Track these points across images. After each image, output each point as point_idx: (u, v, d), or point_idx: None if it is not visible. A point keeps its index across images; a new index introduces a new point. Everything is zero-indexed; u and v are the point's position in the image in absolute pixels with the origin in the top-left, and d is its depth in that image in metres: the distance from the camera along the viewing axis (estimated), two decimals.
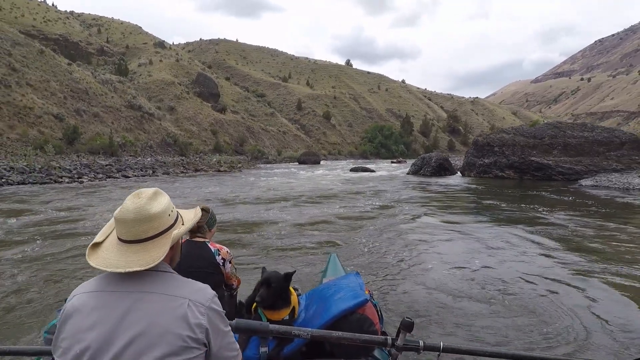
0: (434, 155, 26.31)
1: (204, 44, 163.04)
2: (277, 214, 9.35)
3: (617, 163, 17.70)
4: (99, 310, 0.98)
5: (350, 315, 1.76)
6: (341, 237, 6.91)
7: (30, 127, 30.79)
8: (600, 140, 18.78)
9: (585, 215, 9.11)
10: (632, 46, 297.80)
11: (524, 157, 19.47)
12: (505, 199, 12.75)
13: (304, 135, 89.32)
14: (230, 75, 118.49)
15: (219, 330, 1.05)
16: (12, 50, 40.24)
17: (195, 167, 30.96)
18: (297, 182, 19.63)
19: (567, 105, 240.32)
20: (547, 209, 10.13)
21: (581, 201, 11.79)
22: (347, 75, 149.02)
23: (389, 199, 12.83)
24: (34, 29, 78.35)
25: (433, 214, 9.77)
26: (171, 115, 58.82)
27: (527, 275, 4.71)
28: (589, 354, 2.78)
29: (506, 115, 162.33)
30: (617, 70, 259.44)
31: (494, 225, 8.09)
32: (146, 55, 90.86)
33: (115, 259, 1.04)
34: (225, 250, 2.14)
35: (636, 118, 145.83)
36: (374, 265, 4.99)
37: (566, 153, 18.76)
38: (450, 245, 6.43)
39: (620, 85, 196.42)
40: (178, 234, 1.11)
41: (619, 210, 10.05)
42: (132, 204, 1.07)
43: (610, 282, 4.48)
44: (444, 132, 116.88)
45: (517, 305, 3.73)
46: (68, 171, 19.49)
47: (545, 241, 6.56)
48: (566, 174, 18.13)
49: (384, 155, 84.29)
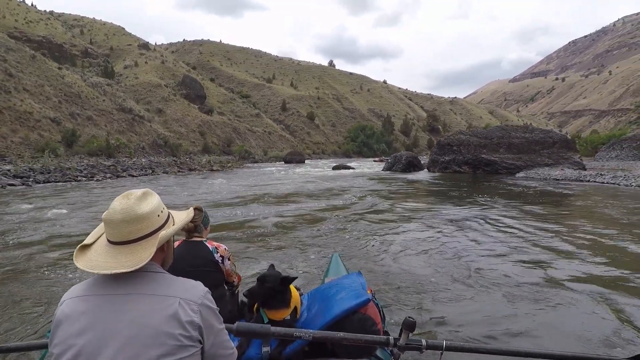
0: (404, 154, 29.72)
1: (187, 44, 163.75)
2: (274, 210, 9.82)
3: (548, 159, 21.37)
4: (88, 315, 0.97)
5: (353, 315, 1.77)
6: (330, 231, 7.09)
7: (30, 131, 32.77)
8: (537, 140, 22.44)
9: (514, 198, 11.99)
10: (603, 47, 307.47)
11: (477, 154, 22.95)
12: (465, 189, 15.48)
13: (288, 135, 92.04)
14: (215, 76, 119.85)
15: (213, 327, 1.05)
16: (6, 55, 41.84)
17: (189, 167, 33.48)
18: (286, 179, 22.13)
19: (542, 104, 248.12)
20: (491, 196, 12.62)
21: (512, 189, 14.91)
22: (330, 76, 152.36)
23: (367, 191, 14.49)
24: (17, 31, 77.83)
25: (412, 205, 10.70)
26: (160, 117, 60.77)
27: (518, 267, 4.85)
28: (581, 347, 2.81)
29: (483, 115, 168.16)
30: (589, 70, 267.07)
31: (463, 211, 9.39)
32: (131, 57, 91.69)
33: (103, 261, 1.03)
34: (224, 247, 2.16)
35: (606, 117, 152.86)
36: (371, 264, 5.00)
37: (510, 151, 22.32)
38: (439, 237, 6.61)
39: (592, 84, 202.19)
40: (166, 235, 1.10)
41: (535, 194, 13.16)
42: (119, 204, 1.06)
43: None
44: (424, 131, 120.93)
45: (518, 302, 3.71)
46: (79, 171, 21.96)
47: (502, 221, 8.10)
48: (509, 168, 21.66)
49: (366, 154, 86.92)
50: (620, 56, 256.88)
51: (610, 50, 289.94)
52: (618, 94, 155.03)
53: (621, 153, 24.30)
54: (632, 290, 3.96)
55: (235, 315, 2.09)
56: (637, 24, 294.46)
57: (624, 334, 2.99)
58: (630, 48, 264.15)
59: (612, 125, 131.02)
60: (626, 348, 2.77)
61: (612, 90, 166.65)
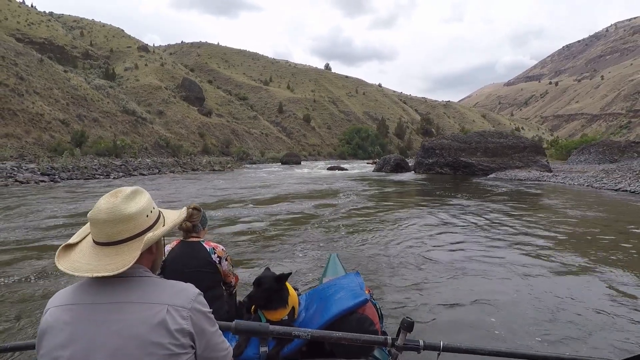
0: (393, 156, 32.16)
1: (185, 46, 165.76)
2: (272, 209, 10.21)
3: (519, 162, 23.79)
4: (72, 326, 0.93)
5: (351, 315, 1.77)
6: (326, 230, 7.30)
7: (43, 132, 34.77)
8: (510, 145, 24.88)
9: (484, 195, 14.12)
10: (596, 52, 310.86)
11: (456, 157, 25.32)
12: (445, 189, 17.19)
13: (285, 137, 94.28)
14: (213, 78, 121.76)
15: (205, 331, 1.01)
16: (16, 59, 43.76)
17: (192, 167, 35.57)
18: (285, 179, 23.92)
19: (536, 107, 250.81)
20: (466, 195, 14.51)
21: (484, 188, 17.11)
22: (327, 79, 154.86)
23: (358, 190, 15.91)
24: (19, 33, 79.23)
25: (399, 203, 11.53)
26: (161, 119, 62.80)
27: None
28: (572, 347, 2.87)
29: (476, 118, 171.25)
30: (582, 75, 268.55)
31: (447, 208, 10.44)
32: (131, 59, 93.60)
33: (85, 263, 0.98)
34: (221, 248, 2.15)
35: (598, 121, 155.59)
36: (369, 264, 5.04)
37: (486, 154, 24.71)
38: (436, 236, 6.84)
39: (585, 89, 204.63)
40: (153, 237, 1.03)
41: (500, 192, 15.38)
42: (105, 203, 1.01)
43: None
44: (417, 134, 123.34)
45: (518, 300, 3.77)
46: (95, 170, 24.04)
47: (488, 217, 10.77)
48: (484, 170, 24.02)
49: (361, 156, 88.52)
50: (613, 61, 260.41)
51: (602, 55, 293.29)
52: (610, 98, 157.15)
53: (589, 157, 26.78)
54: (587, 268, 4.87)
55: (233, 316, 2.10)
56: (630, 29, 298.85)
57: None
58: (622, 53, 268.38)
59: (604, 129, 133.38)
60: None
61: (604, 94, 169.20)
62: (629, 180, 14.57)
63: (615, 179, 15.33)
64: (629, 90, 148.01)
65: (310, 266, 4.89)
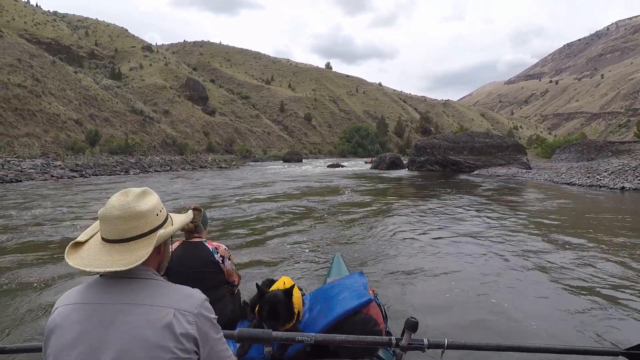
0: (389, 154, 34.39)
1: (188, 46, 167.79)
2: (274, 205, 10.44)
3: (502, 160, 25.94)
4: (80, 326, 0.95)
5: (355, 315, 1.78)
6: (329, 227, 7.37)
7: (59, 131, 36.96)
8: (494, 145, 27.06)
9: (467, 189, 16.01)
10: (596, 51, 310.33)
11: (445, 156, 27.47)
12: (434, 184, 18.87)
13: (286, 135, 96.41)
14: (215, 77, 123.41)
15: (209, 337, 1.02)
16: (31, 62, 45.88)
17: (199, 164, 37.75)
18: (289, 176, 25.63)
19: (536, 106, 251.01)
20: (455, 188, 16.44)
21: (466, 184, 18.99)
22: (327, 78, 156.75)
23: (357, 186, 16.92)
24: (27, 33, 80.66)
25: (396, 198, 12.17)
26: (167, 118, 64.91)
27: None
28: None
29: (475, 117, 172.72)
30: (582, 74, 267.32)
31: (440, 203, 11.19)
32: (136, 59, 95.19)
33: (96, 259, 1.00)
34: (223, 247, 2.18)
35: (597, 119, 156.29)
36: (372, 263, 5.03)
37: (472, 153, 26.86)
38: (438, 233, 6.84)
39: (585, 88, 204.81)
40: (165, 234, 1.08)
41: (479, 187, 17.32)
42: (118, 200, 1.04)
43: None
44: (416, 132, 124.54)
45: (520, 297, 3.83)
46: (114, 166, 26.26)
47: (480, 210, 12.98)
48: (470, 167, 26.10)
49: (361, 154, 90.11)
50: (613, 60, 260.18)
51: (603, 54, 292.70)
52: (609, 97, 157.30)
53: (569, 156, 28.81)
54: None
55: (238, 315, 2.13)
56: (631, 28, 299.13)
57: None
58: (622, 52, 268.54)
59: (603, 128, 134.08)
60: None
61: (603, 93, 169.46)
62: (579, 176, 17.08)
63: (571, 174, 17.63)
64: (629, 89, 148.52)
65: (313, 266, 4.90)
